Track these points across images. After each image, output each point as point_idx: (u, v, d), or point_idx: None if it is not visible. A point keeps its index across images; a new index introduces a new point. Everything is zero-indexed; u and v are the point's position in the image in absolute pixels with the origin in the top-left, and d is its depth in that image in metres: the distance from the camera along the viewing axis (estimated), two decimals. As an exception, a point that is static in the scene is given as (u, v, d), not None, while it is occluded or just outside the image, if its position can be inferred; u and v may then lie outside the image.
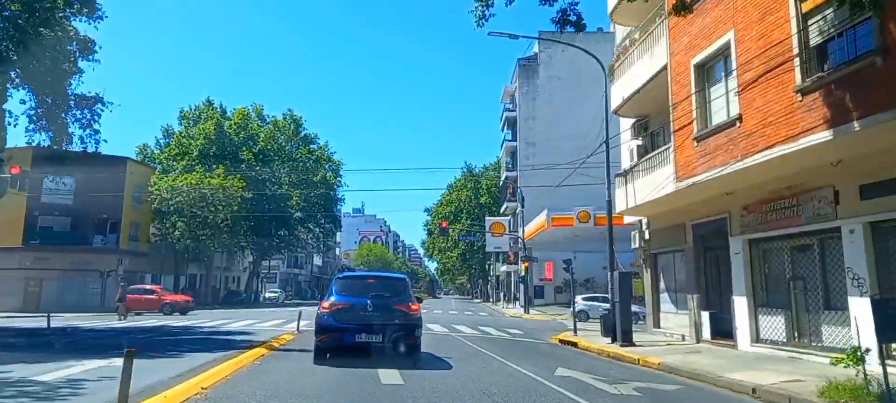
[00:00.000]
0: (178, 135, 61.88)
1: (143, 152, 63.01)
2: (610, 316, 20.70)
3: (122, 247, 53.78)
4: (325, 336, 12.88)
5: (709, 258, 18.82)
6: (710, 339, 18.10)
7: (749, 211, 15.70)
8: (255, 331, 22.74)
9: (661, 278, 22.69)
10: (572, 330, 27.95)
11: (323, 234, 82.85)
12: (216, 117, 61.82)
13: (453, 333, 24.59)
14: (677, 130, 16.43)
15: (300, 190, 66.95)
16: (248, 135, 63.63)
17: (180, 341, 18.70)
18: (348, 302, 12.91)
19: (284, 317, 32.93)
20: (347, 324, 12.68)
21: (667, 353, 16.67)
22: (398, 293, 13.55)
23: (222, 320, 30.63)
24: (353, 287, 13.82)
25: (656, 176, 18.35)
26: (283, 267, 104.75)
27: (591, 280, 62.58)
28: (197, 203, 53.68)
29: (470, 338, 22.53)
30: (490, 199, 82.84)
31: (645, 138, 22.43)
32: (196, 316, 38.28)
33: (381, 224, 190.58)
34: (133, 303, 40.02)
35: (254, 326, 26.22)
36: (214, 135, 59.91)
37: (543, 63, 68.10)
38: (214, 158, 57.89)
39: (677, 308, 21.38)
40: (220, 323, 28.70)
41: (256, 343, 16.23)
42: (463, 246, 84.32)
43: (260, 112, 68.80)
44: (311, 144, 71.31)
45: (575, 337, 23.34)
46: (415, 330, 13.24)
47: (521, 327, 30.95)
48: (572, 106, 63.54)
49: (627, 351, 17.51)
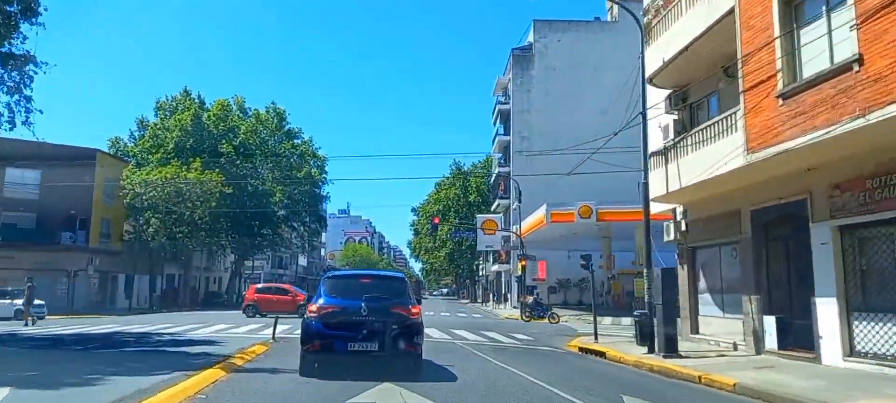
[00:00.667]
0: (153, 127, 58.15)
1: (116, 145, 59.19)
2: (646, 321, 17.44)
3: (93, 246, 50.12)
4: (314, 345, 11.36)
5: (774, 250, 15.58)
6: (776, 349, 14.82)
7: (842, 189, 12.44)
8: (223, 340, 19.25)
9: (702, 276, 19.42)
10: (587, 336, 25.06)
11: (308, 233, 79.84)
12: (194, 108, 58.21)
13: (456, 340, 21.29)
14: (748, 89, 13.14)
15: (283, 186, 63.83)
16: (228, 128, 60.05)
17: (113, 356, 14.87)
18: (339, 306, 11.53)
19: (264, 321, 29.55)
20: (339, 331, 11.24)
21: (730, 368, 13.42)
22: (396, 294, 12.11)
23: (193, 324, 27.04)
24: (345, 287, 12.40)
25: (709, 151, 15.10)
26: (267, 268, 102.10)
27: (585, 280, 59.78)
28: (172, 198, 50.23)
29: (476, 346, 19.28)
30: (479, 198, 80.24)
31: (682, 111, 19.18)
32: (164, 319, 34.61)
33: (367, 224, 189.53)
34: (265, 305, 36.30)
35: (225, 332, 22.73)
36: (191, 126, 56.30)
37: (538, 53, 65.15)
38: (191, 152, 54.33)
39: (724, 311, 18.15)
40: (187, 327, 25.17)
41: (216, 360, 12.74)
42: (451, 246, 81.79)
43: (242, 104, 65.21)
44: (296, 139, 67.87)
45: (598, 345, 20.16)
46: (415, 336, 11.66)
47: (525, 331, 27.66)
48: (569, 98, 61.00)
49: (676, 365, 14.27)
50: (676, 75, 18.18)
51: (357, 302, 11.37)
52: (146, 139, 57.71)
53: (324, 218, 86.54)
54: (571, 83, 62.43)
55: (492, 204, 73.84)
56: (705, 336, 18.76)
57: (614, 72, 59.81)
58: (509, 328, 29.60)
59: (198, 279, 69.82)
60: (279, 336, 19.71)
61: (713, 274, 18.82)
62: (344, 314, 11.38)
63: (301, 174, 64.79)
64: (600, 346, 19.54)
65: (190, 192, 50.48)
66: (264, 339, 18.49)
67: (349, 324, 11.25)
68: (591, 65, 62.41)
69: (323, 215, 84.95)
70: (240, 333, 22.47)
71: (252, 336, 20.74)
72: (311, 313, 11.59)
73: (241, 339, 19.62)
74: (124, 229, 53.79)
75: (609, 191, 46.95)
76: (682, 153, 16.70)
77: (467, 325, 29.77)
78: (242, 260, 72.03)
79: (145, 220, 51.44)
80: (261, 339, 19.23)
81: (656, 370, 14.48)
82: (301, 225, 74.49)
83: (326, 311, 11.46)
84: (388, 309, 11.51)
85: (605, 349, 18.55)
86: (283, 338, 19.75)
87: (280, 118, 66.67)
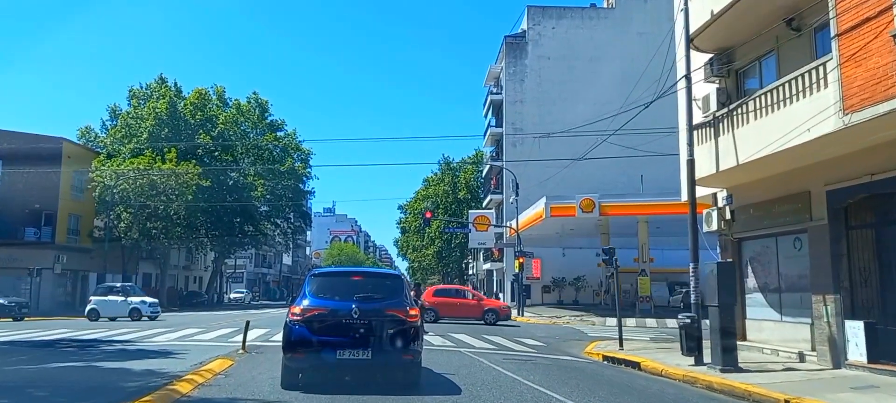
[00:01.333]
0: (125, 116, 54.69)
1: (86, 135, 55.66)
2: (693, 326, 14.56)
3: (60, 242, 46.93)
4: (297, 353, 10.25)
5: (858, 240, 12.72)
6: (864, 362, 11.99)
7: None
8: (184, 349, 16.19)
9: (751, 273, 16.54)
10: (603, 340, 22.48)
11: (291, 230, 76.60)
12: (170, 96, 54.84)
13: (460, 348, 18.37)
14: (846, 32, 10.26)
15: (266, 180, 60.73)
16: (206, 118, 56.70)
17: (30, 373, 11.60)
18: (327, 307, 10.31)
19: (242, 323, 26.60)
20: (326, 336, 10.08)
21: (819, 389, 10.61)
22: (392, 294, 10.81)
23: (158, 328, 23.91)
24: (334, 286, 11.05)
25: (778, 119, 12.25)
26: (250, 267, 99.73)
27: (581, 278, 57.25)
28: (145, 191, 47.01)
29: (483, 354, 16.45)
30: (468, 194, 77.38)
31: (725, 79, 16.28)
32: (130, 322, 31.51)
33: (353, 223, 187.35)
34: (445, 309, 32.42)
35: (190, 339, 19.67)
36: (167, 115, 52.97)
37: (532, 41, 62.40)
38: (167, 142, 51.14)
39: (781, 314, 15.27)
40: (149, 333, 22.07)
41: (157, 384, 9.63)
42: (439, 244, 79.04)
43: (221, 94, 61.82)
44: (279, 131, 64.64)
45: (625, 352, 17.33)
46: (414, 341, 10.40)
47: (530, 335, 24.72)
48: (563, 88, 58.39)
49: (744, 382, 11.41)
50: (722, 34, 15.29)
51: (347, 304, 10.19)
52: (118, 128, 54.28)
53: (308, 214, 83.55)
54: (566, 72, 60.33)
55: (483, 200, 71.22)
56: (755, 344, 15.86)
57: (611, 62, 58.43)
58: (513, 332, 26.63)
59: (177, 278, 66.95)
60: (251, 345, 16.71)
61: (767, 270, 15.93)
62: (332, 317, 10.20)
63: (284, 167, 61.64)
64: (630, 355, 16.70)
65: (164, 185, 47.33)
66: (230, 352, 15.47)
67: (338, 328, 10.09)
68: (586, 54, 60.38)
69: (307, 211, 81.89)
70: (206, 340, 19.41)
71: (219, 345, 17.69)
72: (294, 316, 10.26)
73: (204, 348, 16.56)
74: (94, 225, 50.54)
75: (605, 185, 44.26)
76: (738, 123, 13.82)
77: (466, 329, 26.78)
78: (223, 258, 68.93)
79: (116, 215, 48.10)
80: (230, 348, 16.21)
81: (718, 388, 11.61)
82: (284, 222, 71.42)
83: (312, 314, 10.20)
84: (383, 311, 10.31)
85: (638, 358, 15.71)
86: (256, 347, 16.76)
87: (262, 109, 63.53)
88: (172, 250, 59.21)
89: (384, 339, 10.11)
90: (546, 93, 59.48)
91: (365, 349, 9.98)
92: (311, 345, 10.09)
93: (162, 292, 57.48)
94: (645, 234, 41.61)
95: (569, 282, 57.50)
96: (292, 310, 10.37)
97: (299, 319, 10.19)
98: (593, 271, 55.19)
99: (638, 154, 39.31)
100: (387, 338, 10.13)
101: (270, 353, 15.17)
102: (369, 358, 9.96)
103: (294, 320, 10.24)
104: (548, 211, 40.65)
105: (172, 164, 47.57)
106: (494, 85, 68.40)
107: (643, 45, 59.06)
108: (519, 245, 43.15)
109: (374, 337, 10.09)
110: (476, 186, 78.59)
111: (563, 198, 41.12)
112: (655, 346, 20.04)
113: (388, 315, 10.33)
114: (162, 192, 47.71)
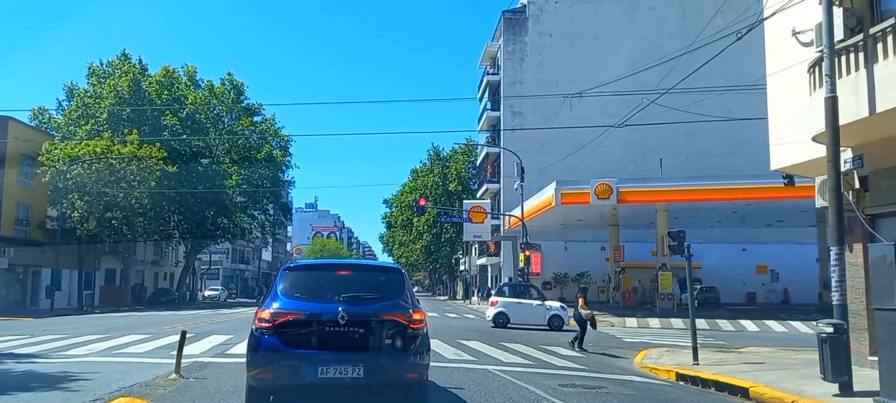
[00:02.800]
0: (82, 94, 49.28)
1: (39, 116, 50.15)
2: (841, 338, 9.85)
3: (6, 234, 41.56)
4: (265, 372, 7.90)
5: None
6: None
7: None
8: (94, 372, 11.17)
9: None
10: (647, 347, 18.44)
11: (270, 224, 71.73)
12: (134, 72, 49.57)
13: (481, 361, 13.57)
14: None
15: (241, 168, 55.67)
16: (174, 98, 51.48)
17: None
18: (304, 311, 7.99)
19: (210, 327, 21.77)
20: (304, 349, 7.82)
21: None
22: (390, 292, 8.51)
23: (89, 336, 18.67)
24: (314, 283, 8.66)
25: None
26: (227, 263, 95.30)
27: (585, 274, 53.13)
28: (103, 177, 41.88)
29: (515, 373, 11.85)
30: (460, 186, 73.02)
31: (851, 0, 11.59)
32: (66, 325, 26.00)
33: (336, 219, 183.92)
34: None
35: (121, 352, 14.64)
36: (129, 93, 47.66)
37: (533, 16, 58.29)
38: (128, 123, 45.87)
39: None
40: (72, 342, 16.96)
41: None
42: (428, 238, 75.05)
43: (193, 75, 56.52)
44: (256, 116, 59.51)
45: (708, 370, 12.77)
46: (418, 354, 8.18)
47: (555, 341, 19.96)
48: (567, 68, 53.96)
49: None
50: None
51: (332, 306, 8.01)
52: (73, 108, 48.93)
53: (288, 206, 78.67)
54: (570, 51, 56.36)
55: (476, 192, 67.09)
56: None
57: (619, 40, 53.90)
58: (533, 337, 21.84)
59: (144, 274, 61.82)
60: (197, 363, 11.83)
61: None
62: (312, 323, 8.02)
63: (261, 154, 56.59)
64: (722, 375, 12.13)
65: (124, 170, 42.20)
66: (168, 371, 10.60)
67: (320, 338, 7.95)
68: (592, 31, 56.57)
69: (287, 203, 76.99)
70: (141, 353, 14.38)
71: (153, 362, 12.69)
72: (261, 322, 8.02)
73: (128, 368, 11.63)
74: (47, 215, 45.31)
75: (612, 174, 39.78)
76: (878, 54, 9.17)
77: (475, 333, 21.90)
78: (196, 253, 63.83)
79: (69, 204, 42.87)
80: (164, 369, 11.29)
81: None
82: (262, 214, 66.53)
83: (285, 319, 7.98)
84: (379, 315, 8.20)
85: (744, 382, 11.13)
86: (203, 367, 11.90)
87: (238, 92, 58.36)
88: (138, 244, 54.06)
89: (380, 351, 8.11)
90: (548, 74, 55.15)
91: (355, 364, 7.85)
92: (284, 360, 7.91)
93: (125, 289, 52.48)
94: (664, 224, 37.17)
95: (571, 278, 53.64)
96: (259, 315, 8.06)
97: (268, 327, 7.95)
98: (598, 266, 51.64)
99: (692, 118, 34.99)
100: (384, 350, 8.13)
101: (223, 375, 10.64)
102: (361, 376, 7.88)
103: (261, 328, 8.00)
104: (558, 198, 36.11)
105: (134, 147, 42.45)
106: (491, 65, 63.98)
107: (654, 22, 55.24)
108: (524, 236, 38.35)
109: (366, 349, 8.05)
110: (468, 178, 74.67)
111: (575, 184, 36.69)
112: (736, 359, 15.39)
113: (386, 320, 8.21)
114: (122, 178, 42.64)
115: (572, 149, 47.47)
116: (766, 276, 54.95)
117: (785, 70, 13.57)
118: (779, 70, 13.98)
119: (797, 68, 12.95)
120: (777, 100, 14.35)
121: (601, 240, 49.93)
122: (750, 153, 51.87)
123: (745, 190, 34.51)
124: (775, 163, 14.74)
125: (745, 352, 17.35)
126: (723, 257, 52.12)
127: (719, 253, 51.32)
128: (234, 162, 55.28)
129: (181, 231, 55.84)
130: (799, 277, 49.98)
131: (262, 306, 8.31)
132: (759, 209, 37.67)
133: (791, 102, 13.47)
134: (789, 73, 13.37)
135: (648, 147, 51.17)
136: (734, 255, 53.76)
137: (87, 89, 49.80)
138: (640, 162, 50.93)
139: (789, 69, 13.30)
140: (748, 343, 19.37)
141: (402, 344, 8.17)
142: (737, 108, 41.43)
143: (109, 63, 51.59)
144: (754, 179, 33.58)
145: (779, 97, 14.21)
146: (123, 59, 51.24)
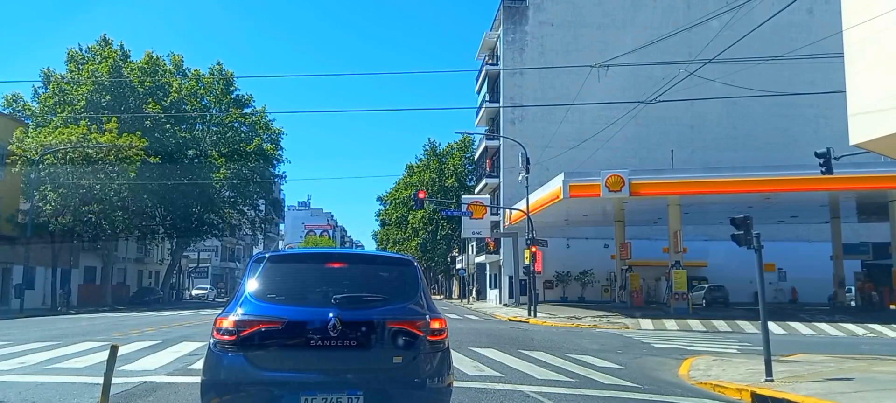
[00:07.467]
0: (59, 80, 46.55)
1: (13, 103, 47.40)
2: None
3: (-26, 230, 39.01)
4: (225, 401, 5.80)
5: None
6: None
7: None
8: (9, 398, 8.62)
9: None
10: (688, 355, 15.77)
11: (261, 220, 69.25)
12: (114, 58, 46.90)
13: (502, 376, 11.15)
14: None
15: (230, 161, 53.08)
16: (158, 85, 48.83)
17: None
18: (281, 319, 5.91)
19: (183, 331, 19.18)
20: (280, 371, 5.81)
21: None
22: (400, 292, 6.38)
23: (32, 344, 15.96)
24: (296, 280, 6.41)
25: None
26: (216, 261, 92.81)
27: (588, 273, 50.96)
28: (79, 167, 39.25)
29: (557, 396, 9.57)
30: (456, 182, 71.17)
31: None
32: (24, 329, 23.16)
33: (328, 217, 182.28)
34: None
35: (54, 365, 12.01)
36: (109, 80, 44.96)
37: (533, 5, 56.26)
38: (108, 111, 43.22)
39: None
40: (8, 352, 14.33)
41: None
42: (424, 235, 73.78)
43: (179, 64, 53.71)
44: (245, 108, 56.88)
45: (796, 392, 10.25)
46: (438, 376, 6.07)
47: (578, 348, 17.39)
48: (568, 59, 52.08)
49: None
50: None
51: (321, 312, 5.82)
52: (49, 95, 46.21)
53: (280, 202, 76.03)
54: (572, 41, 54.32)
55: (474, 187, 64.88)
56: None
57: (623, 30, 51.51)
58: (553, 341, 19.26)
59: (127, 273, 59.44)
60: (143, 383, 9.19)
61: None
62: (293, 334, 5.83)
63: (251, 147, 54.03)
64: (817, 399, 9.56)
65: (102, 160, 39.56)
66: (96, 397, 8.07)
67: (304, 355, 5.81)
68: (595, 20, 54.98)
69: (279, 198, 74.34)
70: (79, 369, 11.59)
71: (89, 383, 10.01)
72: (221, 335, 5.80)
73: (50, 395, 9.00)
74: (19, 209, 42.59)
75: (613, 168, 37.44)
76: None
77: (486, 338, 19.33)
78: (182, 250, 61.23)
79: (42, 196, 40.17)
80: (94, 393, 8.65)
81: None
82: (252, 210, 64.01)
83: (255, 329, 5.79)
84: (385, 324, 5.99)
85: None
86: (156, 387, 9.26)
87: (227, 82, 55.55)
88: (120, 240, 51.47)
89: (387, 374, 5.93)
90: (549, 64, 53.00)
91: (352, 392, 5.73)
92: (254, 387, 5.73)
93: (105, 288, 49.81)
94: (677, 220, 34.88)
95: (574, 277, 51.74)
96: (218, 324, 5.88)
97: (231, 340, 5.80)
98: (602, 264, 49.60)
99: (743, 93, 33.28)
100: (391, 372, 5.96)
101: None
102: None
103: (222, 341, 5.83)
104: (566, 191, 33.68)
105: (112, 136, 39.80)
106: (489, 55, 61.72)
107: (659, 11, 52.98)
108: (530, 231, 35.77)
109: (367, 371, 5.89)
110: (464, 174, 72.91)
111: (584, 175, 34.28)
112: (809, 372, 12.84)
113: (395, 329, 6.05)
114: (100, 169, 40.04)
115: (574, 143, 45.47)
116: (774, 275, 52.83)
117: (875, 18, 11.05)
118: (863, 20, 11.46)
119: (892, 15, 10.48)
120: (859, 60, 11.84)
121: (604, 237, 48.10)
122: (754, 148, 50.66)
123: (767, 182, 32.41)
124: (855, 136, 12.24)
125: (804, 362, 14.81)
126: (729, 255, 49.99)
127: (725, 250, 49.23)
128: (223, 155, 52.70)
129: (166, 226, 53.41)
130: (807, 276, 47.95)
131: (223, 312, 6.08)
132: (776, 203, 35.41)
133: (882, 59, 10.98)
134: (882, 21, 10.88)
135: (652, 141, 50.11)
136: (740, 253, 51.28)
137: (64, 75, 47.09)
138: (644, 156, 49.12)
139: (884, 15, 10.79)
140: (784, 350, 16.73)
141: (416, 364, 6.11)
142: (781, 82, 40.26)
143: (89, 49, 48.88)
144: (776, 171, 32.23)
145: (863, 54, 11.70)
146: (104, 44, 48.52)
